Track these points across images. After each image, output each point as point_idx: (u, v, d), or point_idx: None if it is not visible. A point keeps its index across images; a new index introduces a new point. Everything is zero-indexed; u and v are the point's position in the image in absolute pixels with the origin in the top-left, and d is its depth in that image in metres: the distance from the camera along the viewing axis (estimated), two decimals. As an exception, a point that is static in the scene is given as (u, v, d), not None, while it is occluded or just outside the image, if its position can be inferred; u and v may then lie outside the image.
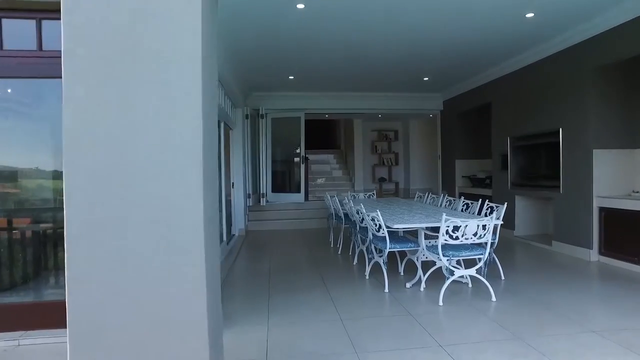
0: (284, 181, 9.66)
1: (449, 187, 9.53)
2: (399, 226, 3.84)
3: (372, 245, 4.37)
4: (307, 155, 11.32)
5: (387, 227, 3.94)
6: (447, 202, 5.73)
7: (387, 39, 5.51)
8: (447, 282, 3.67)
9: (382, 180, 11.83)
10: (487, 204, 4.80)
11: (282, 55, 6.25)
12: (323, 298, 3.86)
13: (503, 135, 7.17)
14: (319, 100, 9.26)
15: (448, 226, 3.59)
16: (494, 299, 3.65)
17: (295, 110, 9.13)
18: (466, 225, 3.56)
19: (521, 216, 6.88)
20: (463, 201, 5.37)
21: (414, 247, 4.16)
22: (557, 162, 5.84)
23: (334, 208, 6.33)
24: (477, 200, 5.05)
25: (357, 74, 7.57)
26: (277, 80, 7.86)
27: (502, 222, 4.04)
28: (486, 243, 3.69)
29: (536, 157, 6.55)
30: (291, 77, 7.66)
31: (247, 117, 8.21)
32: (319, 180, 11.80)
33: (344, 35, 5.34)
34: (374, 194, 7.55)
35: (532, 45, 5.94)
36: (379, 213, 4.02)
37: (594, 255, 5.17)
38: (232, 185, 7.68)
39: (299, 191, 9.08)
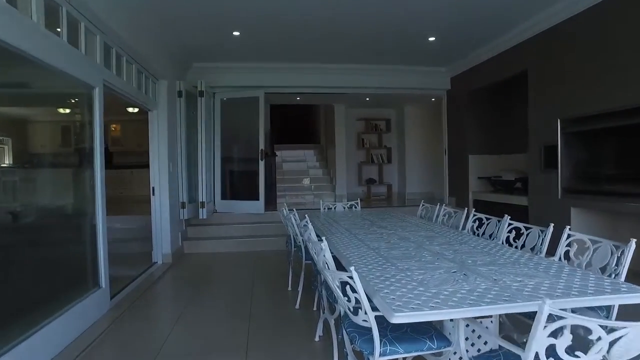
0: (239, 185, 7.23)
1: (458, 192, 7.18)
2: (411, 317, 1.44)
3: (347, 332, 1.97)
4: (275, 151, 8.92)
5: (377, 310, 1.56)
6: (474, 223, 3.31)
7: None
8: None
9: (370, 182, 9.47)
10: (526, 229, 2.51)
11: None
12: None
13: (548, 117, 4.84)
14: (284, 75, 6.85)
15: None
16: None
17: (252, 88, 6.70)
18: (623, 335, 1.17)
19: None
20: (473, 215, 3.24)
21: (436, 348, 1.78)
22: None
23: (292, 230, 3.94)
24: (503, 213, 2.83)
25: (334, 34, 5.18)
26: (217, 38, 5.43)
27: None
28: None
29: (608, 148, 4.23)
30: (236, 34, 5.24)
31: (179, 95, 5.77)
32: (291, 177, 9.40)
33: None
34: (357, 203, 5.18)
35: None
36: (354, 274, 1.62)
37: None
38: (152, 192, 5.24)
39: (256, 198, 6.65)
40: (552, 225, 2.45)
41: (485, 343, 1.96)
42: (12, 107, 2.95)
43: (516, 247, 2.55)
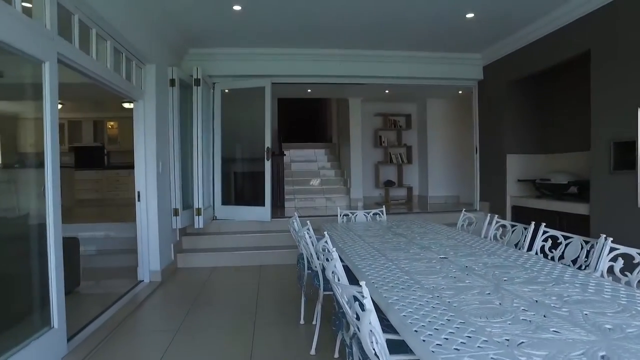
0: (242, 189, 6.38)
1: (492, 197, 6.25)
2: None
3: None
4: (283, 150, 8.07)
5: None
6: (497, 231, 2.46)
7: None
8: None
9: (389, 184, 8.56)
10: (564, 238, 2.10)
11: None
12: None
13: (621, 105, 3.90)
14: (293, 63, 5.98)
15: None
16: None
17: (257, 77, 5.84)
18: None
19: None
20: (496, 222, 2.89)
21: None
22: None
23: (307, 251, 3.06)
24: (550, 222, 2.62)
25: (351, 10, 4.29)
26: (214, 14, 4.57)
27: None
28: None
29: None
30: (237, 8, 4.38)
31: (172, 84, 4.93)
32: (301, 179, 8.53)
33: None
34: (382, 212, 4.29)
35: None
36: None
37: None
38: (137, 197, 4.40)
39: (262, 203, 5.78)
40: (604, 237, 2.02)
41: None
42: None
43: (552, 259, 2.29)
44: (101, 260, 5.06)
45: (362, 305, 1.20)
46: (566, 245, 2.31)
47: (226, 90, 5.98)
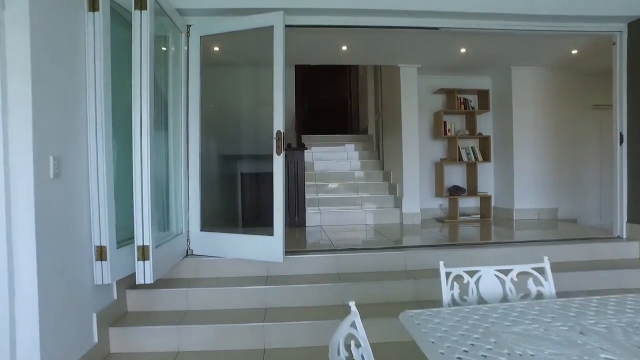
0: (235, 204, 3.94)
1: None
2: None
3: None
4: (303, 143, 5.66)
5: None
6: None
7: None
8: None
9: (455, 190, 5.96)
10: None
11: None
12: None
13: None
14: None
15: None
16: None
17: (260, 10, 3.36)
18: None
19: None
20: None
21: None
22: None
23: None
24: None
25: None
26: None
27: None
28: None
29: None
30: None
31: (93, 7, 2.48)
32: (330, 184, 6.02)
33: None
34: (545, 270, 1.73)
35: None
36: None
37: None
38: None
39: (269, 229, 3.29)
40: None
41: None
42: None
43: None
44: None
45: None
46: None
47: (207, 35, 3.52)
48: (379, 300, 3.12)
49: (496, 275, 1.85)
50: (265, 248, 3.34)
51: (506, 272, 1.85)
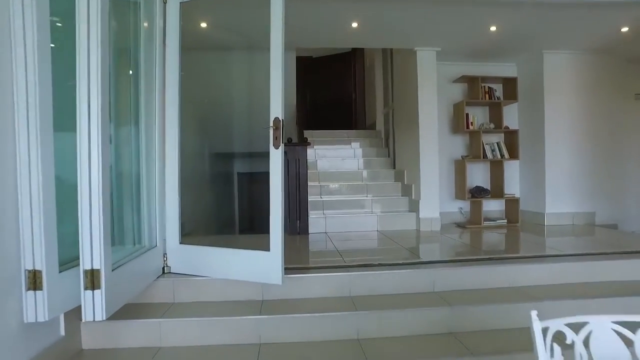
0: (221, 210, 3.27)
1: None
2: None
3: None
4: (305, 137, 4.99)
5: None
6: None
7: None
8: None
9: (478, 192, 5.27)
10: None
11: None
12: None
13: None
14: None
15: None
16: None
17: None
18: None
19: None
20: None
21: None
22: None
23: None
24: None
25: None
26: None
27: None
28: None
29: None
30: None
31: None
32: (335, 184, 5.34)
33: None
34: None
35: None
36: None
37: None
38: None
39: (265, 244, 2.61)
40: None
41: None
42: None
43: None
44: None
45: None
46: None
47: (190, 3, 2.85)
48: (406, 332, 2.45)
49: (616, 331, 1.17)
50: (259, 266, 2.66)
51: (633, 327, 1.17)
